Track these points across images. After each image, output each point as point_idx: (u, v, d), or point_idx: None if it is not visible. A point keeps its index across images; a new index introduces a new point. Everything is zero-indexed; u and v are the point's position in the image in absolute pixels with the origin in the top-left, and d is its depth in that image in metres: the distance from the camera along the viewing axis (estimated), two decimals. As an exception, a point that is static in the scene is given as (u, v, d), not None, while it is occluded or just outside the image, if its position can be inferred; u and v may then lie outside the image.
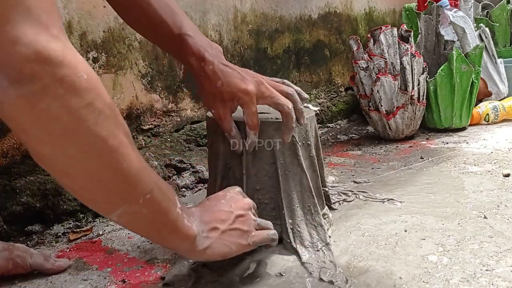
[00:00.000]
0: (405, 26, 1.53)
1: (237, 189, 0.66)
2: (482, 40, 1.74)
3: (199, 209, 0.60)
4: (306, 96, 0.74)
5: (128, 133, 0.47)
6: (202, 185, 1.13)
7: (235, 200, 0.62)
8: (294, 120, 0.69)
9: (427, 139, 1.50)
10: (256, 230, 0.62)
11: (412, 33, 1.46)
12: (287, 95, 0.70)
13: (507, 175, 1.04)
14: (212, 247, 0.57)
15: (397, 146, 1.43)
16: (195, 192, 1.09)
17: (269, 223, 0.65)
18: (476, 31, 1.72)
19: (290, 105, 0.68)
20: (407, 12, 1.71)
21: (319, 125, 1.66)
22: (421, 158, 1.25)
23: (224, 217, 0.59)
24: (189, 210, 0.57)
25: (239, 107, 0.69)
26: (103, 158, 0.44)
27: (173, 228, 0.53)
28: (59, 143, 0.41)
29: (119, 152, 0.45)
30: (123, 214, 0.48)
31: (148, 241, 0.80)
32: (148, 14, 0.71)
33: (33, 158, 0.44)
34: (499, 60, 1.82)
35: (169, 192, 0.53)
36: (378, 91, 1.41)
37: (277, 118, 0.75)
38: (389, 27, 1.43)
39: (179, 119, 1.16)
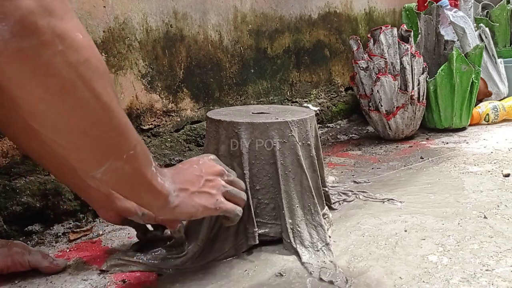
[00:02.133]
0: (405, 26, 1.53)
1: (211, 156, 0.67)
2: (482, 40, 1.74)
3: (172, 171, 0.62)
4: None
5: (115, 90, 0.49)
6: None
7: (207, 166, 0.64)
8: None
9: (427, 139, 1.50)
10: (226, 197, 0.64)
11: (412, 33, 1.46)
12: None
13: (507, 175, 1.04)
14: (181, 206, 0.59)
15: (397, 146, 1.43)
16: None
17: (242, 193, 0.67)
18: (476, 31, 1.72)
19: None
20: (407, 12, 1.71)
21: (319, 125, 1.66)
22: (421, 158, 1.25)
23: (195, 180, 0.62)
24: (162, 170, 0.59)
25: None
26: (96, 114, 0.45)
27: (149, 185, 0.55)
28: (56, 99, 0.42)
29: (110, 108, 0.46)
30: (107, 171, 0.49)
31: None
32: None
33: (25, 115, 0.44)
34: (499, 60, 1.82)
35: (147, 150, 0.55)
36: (378, 91, 1.41)
37: (277, 118, 0.75)
38: (389, 27, 1.43)
39: (179, 119, 1.16)
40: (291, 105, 1.54)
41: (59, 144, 0.47)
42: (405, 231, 0.78)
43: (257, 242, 0.74)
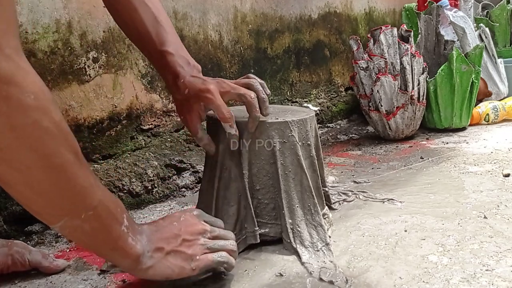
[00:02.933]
0: (405, 26, 1.53)
1: (195, 212, 0.65)
2: (482, 40, 1.74)
3: (151, 227, 0.60)
4: (268, 91, 0.74)
5: (77, 151, 0.48)
6: (202, 185, 1.13)
7: (187, 224, 0.62)
8: (257, 109, 0.70)
9: (427, 139, 1.50)
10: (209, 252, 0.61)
11: (412, 33, 1.46)
12: (249, 86, 0.72)
13: (507, 175, 1.04)
14: (155, 267, 0.57)
15: (397, 146, 1.43)
16: (195, 192, 1.09)
17: (227, 243, 0.63)
18: (476, 31, 1.72)
19: (252, 94, 0.70)
20: (407, 12, 1.71)
21: (319, 125, 1.66)
22: (421, 158, 1.25)
23: (172, 238, 0.60)
24: (138, 228, 0.58)
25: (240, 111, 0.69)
26: (45, 174, 0.45)
27: (114, 245, 0.53)
28: (3, 157, 0.42)
29: (62, 169, 0.46)
30: (64, 226, 0.49)
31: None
32: (134, 22, 0.72)
33: None
34: (499, 60, 1.82)
35: (115, 211, 0.53)
36: (378, 91, 1.42)
37: (277, 118, 0.75)
38: (389, 27, 1.43)
39: (179, 119, 1.16)
40: (291, 105, 1.54)
41: (15, 197, 0.47)
42: (405, 231, 0.78)
43: (258, 241, 0.74)
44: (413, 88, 1.42)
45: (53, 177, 0.46)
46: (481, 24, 1.82)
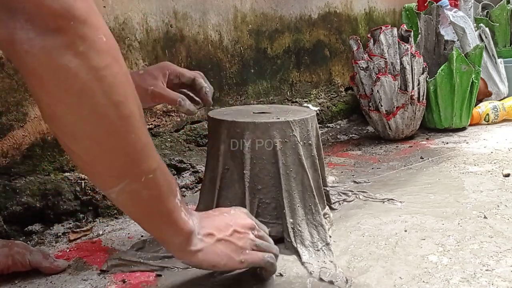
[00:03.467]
0: (405, 26, 1.53)
1: (244, 210, 0.65)
2: (482, 40, 1.74)
3: (201, 214, 0.59)
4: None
5: (140, 107, 0.47)
6: (202, 185, 1.13)
7: (237, 217, 0.61)
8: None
9: (427, 139, 1.50)
10: (255, 249, 0.61)
11: (412, 33, 1.46)
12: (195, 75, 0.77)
13: (507, 175, 1.04)
14: (205, 251, 0.55)
15: (397, 146, 1.43)
16: (195, 192, 1.09)
17: (272, 247, 0.63)
18: (476, 31, 1.72)
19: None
20: (407, 12, 1.71)
21: (319, 125, 1.66)
22: (421, 158, 1.25)
23: (223, 227, 0.59)
24: (189, 208, 0.56)
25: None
26: (113, 124, 0.44)
27: (168, 218, 0.52)
28: (74, 102, 0.41)
29: (129, 121, 0.45)
30: (122, 191, 0.47)
31: (148, 242, 0.80)
32: None
33: (44, 118, 0.44)
34: (499, 60, 1.82)
35: (171, 180, 0.52)
36: (378, 91, 1.42)
37: (278, 118, 0.75)
38: (389, 27, 1.43)
39: (179, 119, 1.16)
40: (291, 105, 1.54)
41: (75, 153, 0.45)
42: (405, 231, 0.78)
43: None
44: (413, 88, 1.42)
45: (120, 128, 0.44)
46: (481, 24, 1.82)
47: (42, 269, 0.70)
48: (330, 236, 0.76)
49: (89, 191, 0.93)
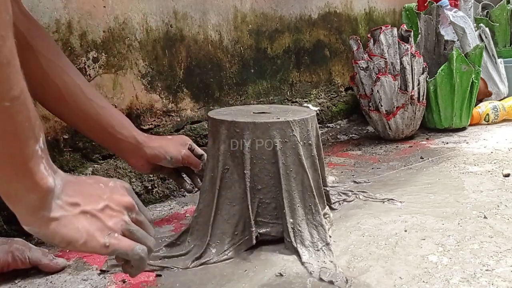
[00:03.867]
0: (405, 26, 1.53)
1: (127, 185, 0.55)
2: (482, 40, 1.74)
3: (69, 177, 0.49)
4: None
5: (7, 27, 0.39)
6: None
7: (115, 192, 0.52)
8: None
9: (427, 139, 1.50)
10: (130, 236, 0.51)
11: (412, 33, 1.46)
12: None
13: (507, 175, 1.04)
14: (62, 222, 0.45)
15: (397, 146, 1.43)
16: (195, 192, 1.09)
17: (149, 239, 0.54)
18: (476, 31, 1.72)
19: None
20: (407, 12, 1.71)
21: (319, 125, 1.66)
22: (421, 158, 1.25)
23: (93, 199, 0.49)
24: (53, 165, 0.47)
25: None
26: None
27: (23, 166, 0.42)
28: None
29: None
30: None
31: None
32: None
33: None
34: (499, 60, 1.82)
35: (36, 122, 0.43)
36: (378, 91, 1.42)
37: (278, 118, 0.75)
38: (389, 27, 1.43)
39: (179, 119, 1.16)
40: (291, 105, 1.54)
41: None
42: (405, 231, 0.78)
43: (254, 243, 0.73)
44: (413, 88, 1.42)
45: None
46: (481, 24, 1.82)
47: (41, 266, 0.70)
48: (330, 236, 0.76)
49: (89, 191, 0.93)
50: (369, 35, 1.46)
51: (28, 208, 0.44)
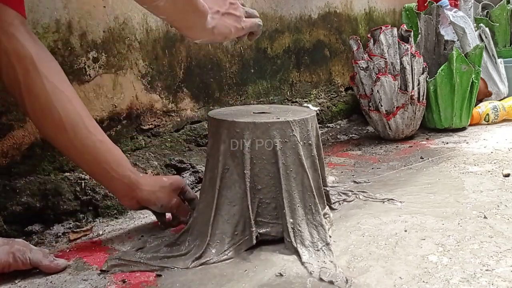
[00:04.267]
0: (405, 26, 1.53)
1: None
2: (482, 40, 1.74)
3: None
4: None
5: None
6: (202, 185, 1.13)
7: None
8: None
9: (427, 139, 1.50)
10: (246, 17, 0.76)
11: (412, 33, 1.46)
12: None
13: (507, 175, 1.04)
14: (217, 27, 0.70)
15: (397, 146, 1.43)
16: (195, 192, 1.09)
17: (254, 11, 0.79)
18: (476, 31, 1.73)
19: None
20: (407, 12, 1.71)
21: (319, 125, 1.66)
22: (421, 158, 1.26)
23: (221, 3, 0.72)
24: None
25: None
26: None
27: (195, 6, 0.66)
28: None
29: None
30: None
31: (148, 242, 0.80)
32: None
33: None
34: (499, 60, 1.82)
35: None
36: (378, 91, 1.42)
37: (278, 118, 0.75)
38: (389, 27, 1.43)
39: (179, 119, 1.16)
40: (291, 105, 1.54)
41: None
42: (405, 231, 0.78)
43: (254, 243, 0.73)
44: (413, 88, 1.42)
45: None
46: (481, 24, 1.82)
47: (42, 267, 0.70)
48: (330, 236, 0.76)
49: (89, 191, 0.93)
50: (369, 35, 1.46)
51: (201, 28, 0.69)
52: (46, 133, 0.77)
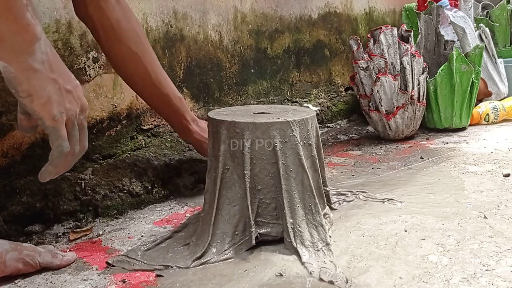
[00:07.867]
0: (405, 26, 1.53)
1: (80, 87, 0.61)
2: (482, 40, 1.74)
3: (54, 52, 0.56)
4: None
5: None
6: (202, 185, 1.13)
7: (79, 89, 0.59)
8: None
9: (427, 139, 1.50)
10: (67, 126, 0.56)
11: (412, 33, 1.46)
12: None
13: (507, 175, 1.04)
14: (37, 75, 0.51)
15: (397, 146, 1.43)
16: (195, 192, 1.09)
17: (77, 143, 0.59)
18: (476, 31, 1.73)
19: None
20: (407, 12, 1.71)
21: (319, 125, 1.66)
22: (421, 158, 1.26)
23: (66, 78, 0.56)
24: (36, 18, 0.51)
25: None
26: None
27: (6, 10, 0.47)
28: None
29: None
30: None
31: (147, 242, 0.80)
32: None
33: None
34: (499, 60, 1.82)
35: None
36: (378, 91, 1.42)
37: (278, 118, 0.75)
38: (389, 27, 1.43)
39: (179, 119, 1.16)
40: (291, 105, 1.54)
41: None
42: (405, 231, 0.78)
43: (254, 243, 0.73)
44: (413, 88, 1.42)
45: None
46: (481, 24, 1.82)
47: (53, 267, 0.70)
48: (330, 236, 0.76)
49: (89, 191, 0.93)
50: (369, 35, 1.46)
51: (14, 49, 0.48)
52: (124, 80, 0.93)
